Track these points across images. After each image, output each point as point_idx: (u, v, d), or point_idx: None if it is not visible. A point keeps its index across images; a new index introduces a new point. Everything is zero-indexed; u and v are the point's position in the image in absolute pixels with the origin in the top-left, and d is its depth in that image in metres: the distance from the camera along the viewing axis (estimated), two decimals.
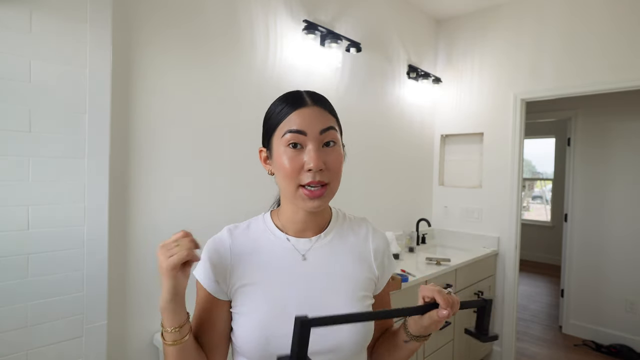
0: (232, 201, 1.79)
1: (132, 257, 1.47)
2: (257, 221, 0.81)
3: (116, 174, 1.41)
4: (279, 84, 1.98)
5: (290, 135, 0.69)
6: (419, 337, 0.73)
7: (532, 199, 7.65)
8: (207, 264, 0.74)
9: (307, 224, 0.77)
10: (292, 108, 0.71)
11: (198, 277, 0.75)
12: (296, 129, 0.69)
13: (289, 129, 0.69)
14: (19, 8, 1.12)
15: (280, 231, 0.77)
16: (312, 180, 0.68)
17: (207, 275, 0.73)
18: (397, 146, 2.87)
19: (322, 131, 0.70)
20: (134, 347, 1.49)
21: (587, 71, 2.52)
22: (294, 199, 0.71)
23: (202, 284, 0.74)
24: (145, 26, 1.50)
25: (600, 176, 3.47)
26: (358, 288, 0.76)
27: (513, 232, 2.84)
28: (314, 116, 0.70)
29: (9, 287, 1.12)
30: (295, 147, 0.69)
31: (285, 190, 0.72)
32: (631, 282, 3.26)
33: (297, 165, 0.68)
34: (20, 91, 1.13)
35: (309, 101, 0.72)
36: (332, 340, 0.70)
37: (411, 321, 0.72)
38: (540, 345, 3.31)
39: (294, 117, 0.70)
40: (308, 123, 0.69)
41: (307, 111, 0.70)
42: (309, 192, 0.69)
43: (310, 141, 0.69)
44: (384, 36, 2.69)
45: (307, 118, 0.70)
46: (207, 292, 0.74)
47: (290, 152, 0.69)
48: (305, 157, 0.68)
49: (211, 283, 0.73)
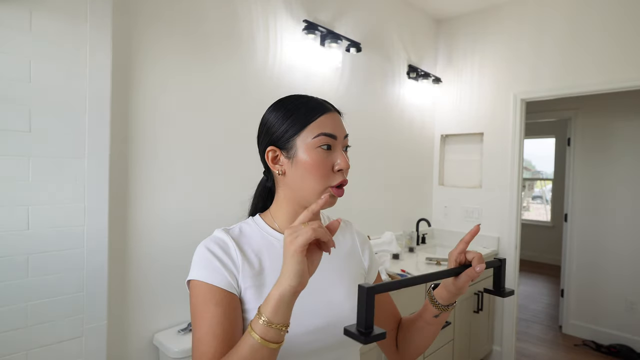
0: (232, 201, 1.79)
1: (132, 257, 1.47)
2: (248, 225, 0.79)
3: (116, 174, 1.41)
4: (279, 84, 1.98)
5: (324, 137, 0.71)
6: (448, 307, 0.76)
7: (532, 199, 7.66)
8: (214, 260, 0.69)
9: None
10: (321, 111, 0.73)
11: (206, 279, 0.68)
12: (330, 133, 0.72)
13: (322, 131, 0.72)
14: (19, 8, 1.12)
15: (279, 232, 0.77)
16: (343, 180, 0.73)
17: (218, 271, 0.69)
18: (397, 146, 2.87)
19: (345, 136, 0.76)
20: (134, 347, 1.49)
21: (587, 71, 2.52)
22: (318, 198, 0.72)
23: (215, 282, 0.68)
24: (145, 26, 1.50)
25: (600, 176, 3.47)
26: (353, 283, 0.80)
27: (513, 232, 2.84)
28: (339, 121, 0.76)
29: (9, 287, 1.12)
30: (328, 149, 0.72)
31: (311, 190, 0.72)
32: (631, 282, 3.26)
33: (328, 165, 0.72)
34: (20, 91, 1.13)
35: (332, 107, 0.76)
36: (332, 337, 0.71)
37: (441, 290, 0.75)
38: (540, 345, 3.31)
39: (325, 120, 0.73)
40: (337, 127, 0.74)
41: (334, 116, 0.75)
42: (338, 191, 0.72)
43: (338, 144, 0.74)
44: (384, 36, 2.69)
45: (336, 122, 0.74)
46: (223, 291, 0.68)
47: (323, 153, 0.71)
48: (336, 159, 0.73)
49: (223, 278, 0.68)
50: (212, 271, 0.69)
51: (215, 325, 0.65)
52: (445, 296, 0.74)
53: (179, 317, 1.60)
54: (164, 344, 1.45)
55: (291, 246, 0.56)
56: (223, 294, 0.67)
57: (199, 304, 0.67)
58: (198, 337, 0.66)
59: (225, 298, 0.67)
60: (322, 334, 0.71)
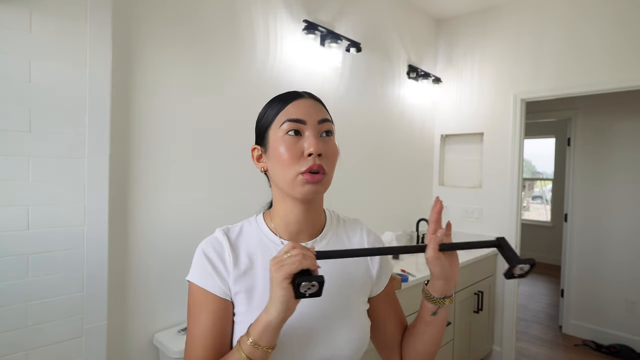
0: (233, 201, 1.79)
1: (132, 257, 1.47)
2: (250, 224, 0.77)
3: (116, 174, 1.41)
4: (279, 84, 1.98)
5: (290, 123, 0.69)
6: (444, 300, 0.69)
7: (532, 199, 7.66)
8: (207, 265, 0.69)
9: (301, 224, 0.74)
10: (289, 100, 0.72)
11: (200, 283, 0.69)
12: (295, 118, 0.69)
13: (287, 118, 0.69)
14: (19, 8, 1.12)
15: (274, 234, 0.74)
16: (313, 164, 0.67)
17: (210, 277, 0.68)
18: (397, 146, 2.87)
19: (320, 121, 0.70)
20: (134, 347, 1.49)
21: (587, 71, 2.52)
22: (292, 187, 0.68)
23: (208, 287, 0.68)
24: (146, 26, 1.50)
25: (600, 176, 3.47)
26: (356, 293, 0.76)
27: (513, 232, 2.83)
28: (311, 106, 0.72)
29: (9, 287, 1.12)
30: (296, 135, 0.69)
31: (283, 180, 0.69)
32: (631, 282, 3.26)
33: (297, 151, 0.68)
34: (20, 91, 1.13)
35: (304, 94, 0.74)
36: (325, 351, 0.69)
37: (432, 282, 0.69)
38: (540, 345, 3.31)
39: (291, 107, 0.70)
40: (306, 112, 0.70)
41: (304, 102, 0.72)
42: (310, 177, 0.67)
43: (309, 129, 0.69)
44: (384, 36, 2.69)
45: (305, 108, 0.71)
46: (216, 297, 0.68)
47: (289, 139, 0.68)
48: (305, 144, 0.68)
49: (215, 285, 0.68)
50: (205, 276, 0.69)
51: (205, 332, 0.67)
52: (438, 287, 0.68)
53: (179, 317, 1.60)
54: (164, 344, 1.45)
55: (277, 274, 0.57)
56: (215, 300, 0.68)
57: (193, 307, 0.69)
58: (189, 340, 0.69)
59: (216, 304, 0.68)
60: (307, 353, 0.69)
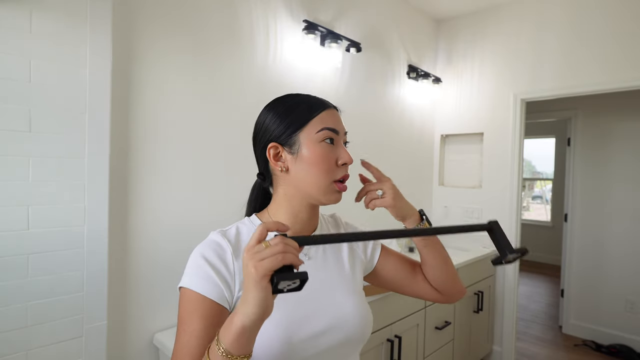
0: (232, 201, 1.78)
1: (132, 257, 1.47)
2: (245, 225, 0.77)
3: (116, 174, 1.41)
4: (279, 84, 1.98)
5: (327, 132, 0.72)
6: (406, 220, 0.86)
7: (532, 199, 7.66)
8: (208, 268, 0.66)
9: (306, 223, 0.78)
10: (322, 107, 0.74)
11: (197, 288, 0.65)
12: (332, 127, 0.73)
13: (325, 126, 0.73)
14: (19, 8, 1.12)
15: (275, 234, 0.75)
16: (346, 174, 0.75)
17: (211, 280, 0.65)
18: (397, 146, 2.87)
19: (345, 133, 0.77)
20: (134, 347, 1.49)
21: (587, 71, 2.52)
22: (324, 193, 0.73)
23: (205, 292, 0.64)
24: (146, 26, 1.50)
25: (600, 176, 3.47)
26: (354, 281, 0.81)
27: (513, 232, 2.83)
28: (339, 118, 0.77)
29: (9, 287, 1.12)
30: (331, 143, 0.73)
31: (315, 184, 0.72)
32: (631, 282, 3.26)
33: (333, 159, 0.73)
34: (20, 91, 1.13)
35: (331, 104, 0.77)
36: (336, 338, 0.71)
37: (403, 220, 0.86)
38: (540, 345, 3.31)
39: (326, 115, 0.74)
40: (338, 123, 0.75)
41: (334, 112, 0.77)
42: (342, 186, 0.74)
43: (340, 139, 0.75)
44: (384, 36, 2.69)
45: (336, 118, 0.76)
46: (213, 303, 0.64)
47: (327, 147, 0.72)
48: (340, 153, 0.74)
49: (215, 289, 0.65)
50: (204, 280, 0.65)
51: (197, 338, 0.62)
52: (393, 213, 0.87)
53: None
54: (164, 344, 1.45)
55: (255, 271, 0.49)
56: (211, 305, 0.64)
57: (185, 313, 0.65)
58: (177, 348, 0.64)
59: (212, 310, 0.64)
60: (325, 336, 0.70)
